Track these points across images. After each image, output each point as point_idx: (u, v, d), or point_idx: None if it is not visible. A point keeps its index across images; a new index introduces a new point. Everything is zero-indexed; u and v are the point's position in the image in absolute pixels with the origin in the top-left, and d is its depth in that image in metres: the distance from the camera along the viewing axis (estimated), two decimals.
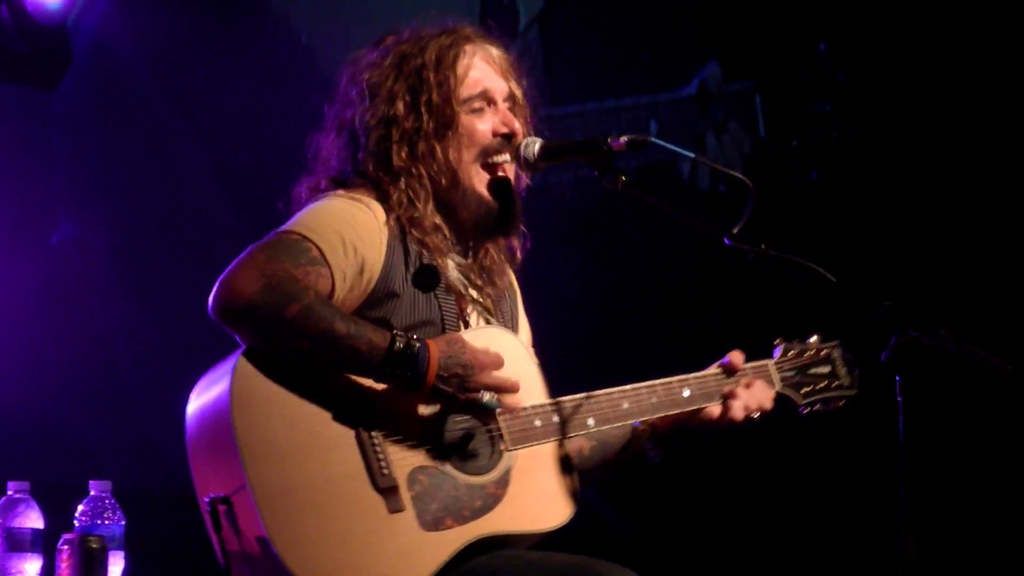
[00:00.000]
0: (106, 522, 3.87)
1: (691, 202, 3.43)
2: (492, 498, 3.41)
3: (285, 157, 3.77)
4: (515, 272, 3.77)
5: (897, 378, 3.16)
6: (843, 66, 6.30)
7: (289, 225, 3.41)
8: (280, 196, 3.67)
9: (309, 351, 3.27)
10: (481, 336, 3.47)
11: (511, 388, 3.41)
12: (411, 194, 3.52)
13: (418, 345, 3.30)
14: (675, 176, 6.58)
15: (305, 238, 3.36)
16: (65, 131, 6.72)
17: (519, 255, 3.72)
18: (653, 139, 3.46)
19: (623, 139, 3.47)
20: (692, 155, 3.44)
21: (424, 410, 3.38)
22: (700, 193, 6.50)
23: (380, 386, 3.35)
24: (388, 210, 3.50)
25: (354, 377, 3.35)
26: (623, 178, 3.47)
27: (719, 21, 6.47)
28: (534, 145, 3.57)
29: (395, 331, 3.32)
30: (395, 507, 3.28)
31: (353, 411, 3.32)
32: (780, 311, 5.58)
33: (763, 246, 3.36)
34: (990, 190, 5.99)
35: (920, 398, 3.14)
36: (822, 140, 6.33)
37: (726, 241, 3.37)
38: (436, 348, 3.32)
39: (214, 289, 3.29)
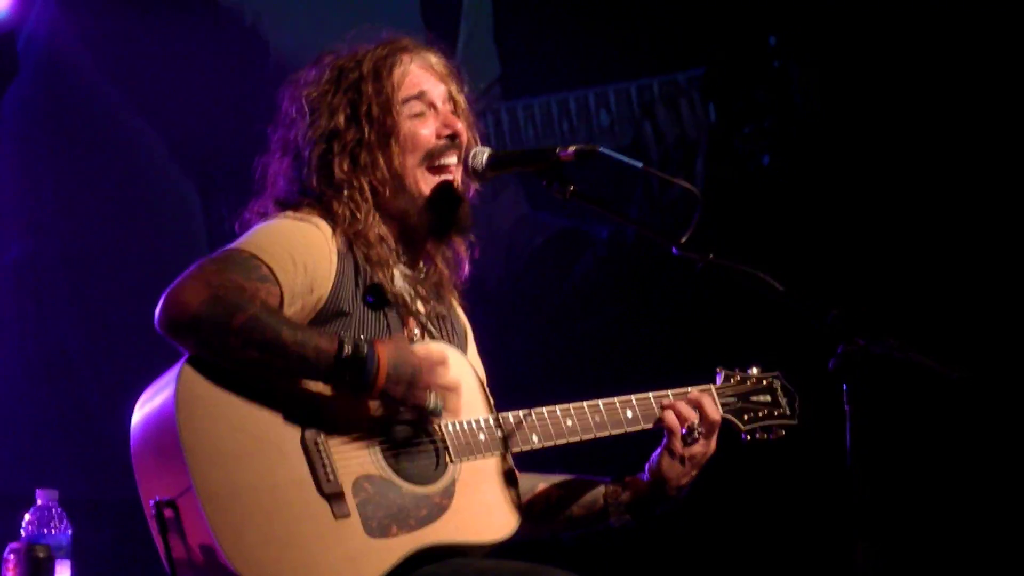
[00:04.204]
0: (53, 531, 3.84)
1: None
2: (437, 508, 3.41)
3: (245, 159, 3.76)
4: (459, 285, 3.74)
5: (844, 387, 3.17)
6: (790, 58, 6.33)
7: (238, 243, 3.41)
8: (237, 204, 3.66)
9: (257, 360, 3.27)
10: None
11: (454, 389, 3.41)
12: (352, 206, 3.52)
13: (366, 348, 3.31)
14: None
15: (255, 256, 3.35)
16: (15, 137, 6.67)
17: (466, 265, 3.71)
18: (602, 149, 3.47)
19: (571, 149, 3.48)
20: (640, 165, 3.45)
21: (370, 414, 3.38)
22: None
23: (327, 392, 3.35)
24: (334, 227, 3.50)
25: (301, 383, 3.35)
26: (571, 188, 3.49)
27: (668, 12, 6.51)
28: (482, 155, 3.59)
29: (342, 335, 3.32)
30: (340, 513, 3.28)
31: (299, 417, 3.32)
32: (728, 335, 5.64)
33: (711, 255, 3.37)
34: (941, 194, 6.02)
35: (869, 406, 3.15)
36: (768, 128, 6.38)
37: (674, 250, 3.38)
38: (384, 351, 3.33)
39: (160, 302, 3.28)
